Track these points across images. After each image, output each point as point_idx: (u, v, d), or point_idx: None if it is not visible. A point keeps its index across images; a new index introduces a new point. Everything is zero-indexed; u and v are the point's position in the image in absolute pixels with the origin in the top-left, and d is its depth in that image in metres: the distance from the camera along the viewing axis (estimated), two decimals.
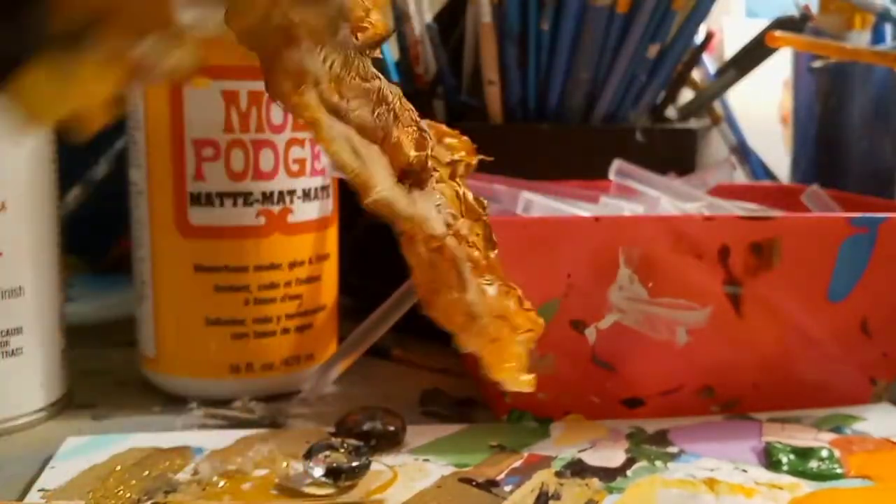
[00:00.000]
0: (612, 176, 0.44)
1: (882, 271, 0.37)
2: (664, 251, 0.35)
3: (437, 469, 0.32)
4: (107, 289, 0.55)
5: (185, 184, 0.38)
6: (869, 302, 0.38)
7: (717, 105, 0.64)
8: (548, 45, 0.50)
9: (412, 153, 0.26)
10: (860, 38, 0.57)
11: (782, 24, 0.59)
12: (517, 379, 0.27)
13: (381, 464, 0.33)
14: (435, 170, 0.28)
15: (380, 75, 0.26)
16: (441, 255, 0.26)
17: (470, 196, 0.28)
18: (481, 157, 0.29)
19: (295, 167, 0.39)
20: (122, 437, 0.35)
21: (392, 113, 0.26)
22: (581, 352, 0.36)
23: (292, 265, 0.39)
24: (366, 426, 0.35)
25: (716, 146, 0.63)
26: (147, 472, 0.32)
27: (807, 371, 0.38)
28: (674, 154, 0.51)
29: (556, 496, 0.30)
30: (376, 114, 0.25)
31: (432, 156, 0.27)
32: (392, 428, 0.35)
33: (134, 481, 0.31)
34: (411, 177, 0.26)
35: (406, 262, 0.27)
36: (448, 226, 0.27)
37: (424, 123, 0.28)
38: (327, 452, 0.32)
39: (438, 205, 0.27)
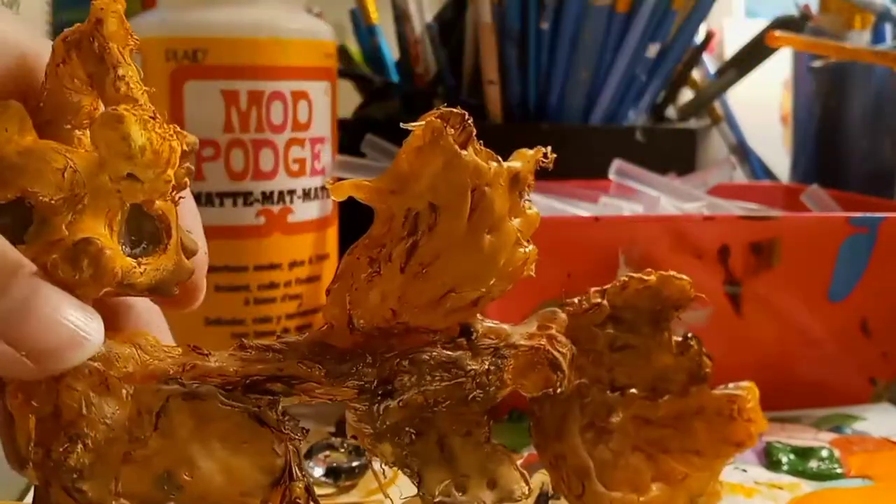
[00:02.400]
0: (611, 176, 0.44)
1: (882, 271, 0.37)
2: (664, 251, 0.35)
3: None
4: None
5: None
6: (869, 302, 0.38)
7: (717, 105, 0.64)
8: (548, 45, 0.50)
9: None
10: (860, 38, 0.57)
11: (782, 24, 0.59)
12: None
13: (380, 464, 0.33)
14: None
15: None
16: (565, 461, 0.26)
17: (673, 339, 0.27)
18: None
19: (295, 167, 0.39)
20: None
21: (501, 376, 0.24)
22: None
23: (292, 265, 0.39)
24: None
25: (716, 146, 0.63)
26: None
27: (807, 371, 0.38)
28: (674, 154, 0.51)
29: (556, 496, 0.30)
30: (472, 398, 0.24)
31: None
32: None
33: None
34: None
35: None
36: (592, 422, 0.26)
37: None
38: (327, 452, 0.32)
39: (585, 401, 0.26)
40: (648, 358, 0.27)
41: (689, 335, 0.27)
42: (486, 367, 0.23)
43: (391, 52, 0.59)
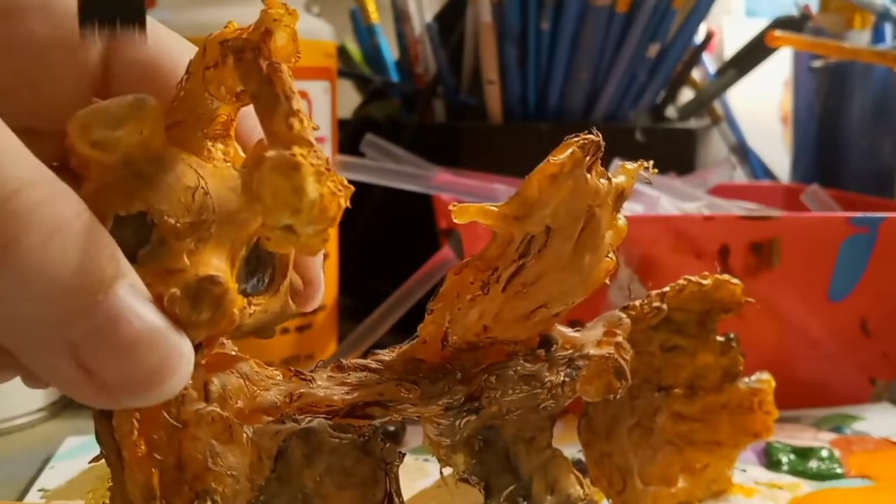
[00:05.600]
0: None
1: (882, 271, 0.37)
2: (664, 251, 0.35)
3: (437, 469, 0.32)
4: None
5: None
6: (869, 302, 0.38)
7: (717, 105, 0.64)
8: (548, 45, 0.49)
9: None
10: (860, 38, 0.57)
11: (782, 23, 0.59)
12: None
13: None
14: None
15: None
16: (611, 459, 0.27)
17: (716, 339, 0.28)
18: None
19: None
20: None
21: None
22: None
23: None
24: None
25: (716, 146, 0.63)
26: None
27: (807, 371, 0.38)
28: (674, 154, 0.51)
29: None
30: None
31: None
32: (392, 428, 0.35)
33: None
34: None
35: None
36: (639, 422, 0.27)
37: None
38: None
39: (635, 402, 0.27)
40: (693, 358, 0.28)
41: (731, 335, 0.29)
42: (562, 378, 0.23)
43: (391, 51, 0.59)
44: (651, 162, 0.23)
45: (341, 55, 0.59)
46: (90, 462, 0.19)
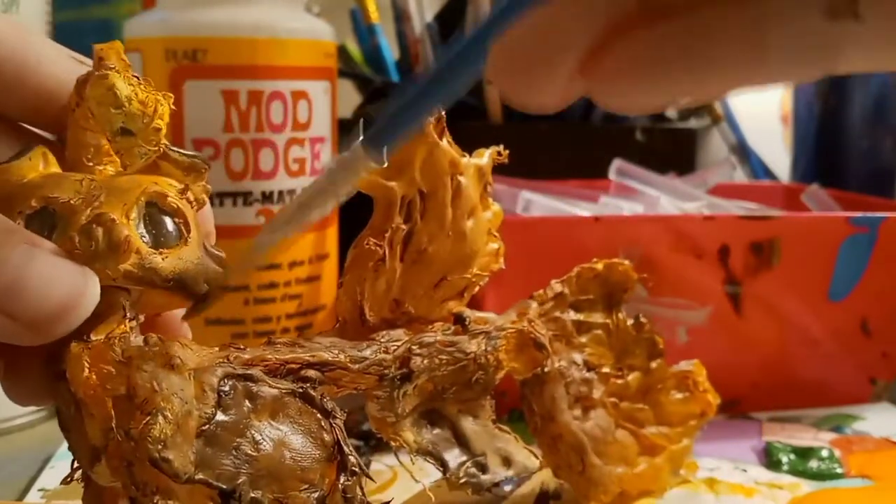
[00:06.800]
0: (611, 175, 0.44)
1: (882, 271, 0.37)
2: (664, 251, 0.35)
3: (438, 469, 0.32)
4: None
5: None
6: (869, 301, 0.38)
7: (717, 105, 0.64)
8: None
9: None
10: None
11: None
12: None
13: (381, 464, 0.33)
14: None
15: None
16: (562, 440, 0.28)
17: (627, 321, 0.30)
18: None
19: (295, 167, 0.39)
20: None
21: None
22: None
23: (292, 265, 0.39)
24: (366, 426, 0.35)
25: (716, 146, 0.63)
26: None
27: (807, 370, 0.38)
28: (674, 153, 0.51)
29: (556, 496, 0.30)
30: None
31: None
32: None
33: None
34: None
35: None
36: (577, 399, 0.29)
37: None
38: None
39: (568, 381, 0.28)
40: (610, 338, 0.30)
41: (639, 315, 0.30)
42: (484, 347, 0.26)
43: (391, 51, 0.59)
44: (502, 146, 0.27)
45: (341, 55, 0.59)
46: (62, 481, 0.21)
